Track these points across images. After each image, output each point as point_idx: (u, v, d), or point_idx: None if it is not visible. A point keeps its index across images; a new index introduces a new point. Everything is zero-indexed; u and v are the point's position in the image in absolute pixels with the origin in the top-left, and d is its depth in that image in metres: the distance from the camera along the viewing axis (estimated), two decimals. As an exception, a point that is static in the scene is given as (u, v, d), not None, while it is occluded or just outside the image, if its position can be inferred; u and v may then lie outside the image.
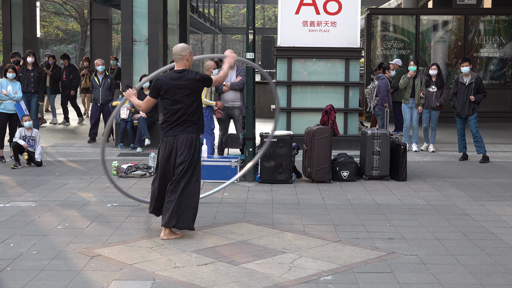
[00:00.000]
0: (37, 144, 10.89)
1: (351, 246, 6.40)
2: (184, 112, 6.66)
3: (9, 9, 18.61)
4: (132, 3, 13.08)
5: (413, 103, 12.80)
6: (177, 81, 6.65)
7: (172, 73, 6.74)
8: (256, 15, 56.90)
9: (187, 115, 6.67)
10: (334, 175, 9.82)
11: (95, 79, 13.67)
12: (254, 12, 9.86)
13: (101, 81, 13.61)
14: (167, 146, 6.68)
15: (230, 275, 5.49)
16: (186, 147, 6.62)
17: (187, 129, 6.67)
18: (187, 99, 6.66)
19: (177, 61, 6.76)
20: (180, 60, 6.73)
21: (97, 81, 13.63)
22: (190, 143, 6.64)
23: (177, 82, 6.65)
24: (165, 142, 6.70)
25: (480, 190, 9.25)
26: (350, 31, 12.64)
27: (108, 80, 13.68)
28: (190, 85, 6.67)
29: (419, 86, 12.70)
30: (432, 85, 12.59)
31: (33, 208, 7.93)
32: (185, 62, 6.74)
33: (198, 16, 29.32)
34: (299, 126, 12.37)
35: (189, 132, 6.66)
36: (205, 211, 7.76)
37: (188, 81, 6.66)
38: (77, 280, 5.36)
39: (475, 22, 18.26)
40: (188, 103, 6.67)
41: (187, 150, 6.62)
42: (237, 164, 9.60)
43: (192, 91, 6.69)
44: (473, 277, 5.51)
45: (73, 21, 47.44)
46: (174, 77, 6.68)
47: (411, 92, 12.80)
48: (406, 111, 12.91)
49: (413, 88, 12.80)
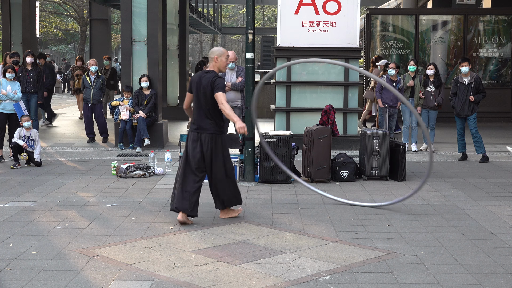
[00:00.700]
0: (36, 144, 10.89)
1: (350, 246, 6.40)
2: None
3: (8, 9, 18.58)
4: (131, 3, 13.08)
5: (412, 103, 12.77)
6: (200, 80, 7.19)
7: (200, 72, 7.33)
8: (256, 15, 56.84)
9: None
10: (334, 175, 9.83)
11: (87, 79, 13.63)
12: (254, 12, 9.86)
13: (93, 81, 13.58)
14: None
15: (229, 275, 5.50)
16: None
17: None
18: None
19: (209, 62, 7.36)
20: (210, 61, 7.30)
21: (89, 81, 13.59)
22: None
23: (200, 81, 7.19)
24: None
25: (480, 190, 9.25)
26: (349, 31, 12.64)
27: (100, 80, 13.66)
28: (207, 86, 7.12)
29: (418, 86, 12.69)
30: (430, 85, 12.59)
31: (32, 208, 7.92)
32: (213, 63, 7.27)
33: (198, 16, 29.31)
34: (299, 126, 12.37)
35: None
36: (205, 211, 7.76)
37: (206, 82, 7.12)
38: (77, 280, 5.36)
39: (474, 22, 18.27)
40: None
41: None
42: (236, 164, 9.60)
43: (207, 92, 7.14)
44: (473, 277, 5.51)
45: (73, 21, 47.46)
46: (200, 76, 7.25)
47: (410, 93, 12.79)
48: (405, 111, 12.89)
49: (412, 88, 12.79)
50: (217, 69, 7.22)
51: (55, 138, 14.45)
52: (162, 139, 13.03)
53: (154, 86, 12.98)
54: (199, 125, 7.15)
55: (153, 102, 12.76)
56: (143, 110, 12.60)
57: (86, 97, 13.62)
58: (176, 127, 16.32)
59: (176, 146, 12.43)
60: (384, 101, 12.74)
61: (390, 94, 12.68)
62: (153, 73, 13.05)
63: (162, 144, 12.98)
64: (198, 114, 7.14)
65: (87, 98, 13.59)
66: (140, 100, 12.74)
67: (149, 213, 7.72)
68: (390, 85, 11.80)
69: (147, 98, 12.73)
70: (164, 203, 8.21)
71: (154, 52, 13.12)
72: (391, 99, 12.72)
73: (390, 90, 7.85)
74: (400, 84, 12.76)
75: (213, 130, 7.15)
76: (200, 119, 7.14)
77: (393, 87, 12.77)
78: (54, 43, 55.98)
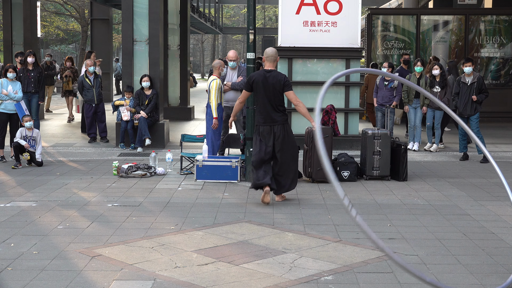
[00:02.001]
0: (37, 144, 10.90)
1: (351, 246, 6.40)
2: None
3: (9, 9, 18.60)
4: (132, 3, 13.09)
5: (417, 103, 12.81)
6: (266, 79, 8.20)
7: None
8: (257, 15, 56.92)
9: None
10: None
11: (86, 81, 13.56)
12: (255, 12, 9.86)
13: (93, 81, 13.56)
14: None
15: (230, 275, 5.49)
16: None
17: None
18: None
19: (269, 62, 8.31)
20: (269, 61, 8.28)
21: (89, 82, 13.56)
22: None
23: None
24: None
25: (481, 190, 9.25)
26: (350, 31, 12.64)
27: (99, 79, 13.67)
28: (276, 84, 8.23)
29: (424, 86, 12.69)
30: (436, 85, 12.60)
31: (33, 208, 7.93)
32: (274, 63, 8.31)
33: (199, 16, 29.29)
34: (300, 126, 12.36)
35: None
36: (206, 211, 7.77)
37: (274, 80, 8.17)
38: (78, 280, 5.36)
39: (475, 22, 18.26)
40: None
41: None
42: (237, 164, 9.60)
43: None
44: (474, 277, 5.51)
45: (74, 21, 47.47)
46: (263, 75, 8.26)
47: (415, 93, 12.80)
48: (410, 112, 12.92)
49: None
50: (276, 67, 8.39)
51: (56, 138, 14.44)
52: (163, 139, 13.04)
53: (155, 86, 12.98)
54: (271, 118, 8.16)
55: (154, 102, 12.76)
56: (144, 110, 12.60)
57: (89, 98, 13.58)
58: (177, 127, 16.33)
59: (177, 146, 12.43)
60: (378, 101, 12.90)
61: (384, 94, 12.78)
62: (154, 73, 13.06)
63: (163, 144, 12.99)
64: (266, 109, 8.15)
65: (90, 99, 13.56)
66: (141, 100, 12.74)
67: (150, 213, 7.72)
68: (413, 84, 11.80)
69: (148, 98, 12.73)
70: (165, 203, 8.21)
71: (155, 52, 13.12)
72: (382, 98, 12.82)
73: (415, 88, 7.81)
74: (393, 83, 12.79)
75: (283, 120, 8.22)
76: (270, 113, 8.15)
77: (385, 86, 12.86)
78: (55, 43, 56.00)
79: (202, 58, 65.55)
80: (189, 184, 9.51)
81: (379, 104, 12.94)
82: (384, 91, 12.91)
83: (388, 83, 12.84)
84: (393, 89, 12.82)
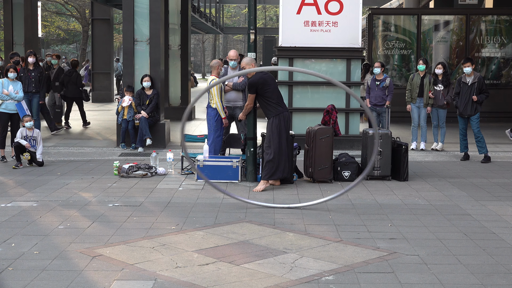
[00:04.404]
0: (38, 144, 10.90)
1: (352, 246, 6.39)
2: None
3: (10, 9, 18.61)
4: (133, 3, 13.08)
5: (420, 102, 12.80)
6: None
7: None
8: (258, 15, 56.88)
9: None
10: (336, 175, 9.82)
11: None
12: (256, 12, 9.86)
13: None
14: None
15: (231, 275, 5.49)
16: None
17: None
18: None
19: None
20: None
21: None
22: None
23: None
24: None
25: (482, 190, 9.24)
26: (351, 31, 12.64)
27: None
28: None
29: (428, 85, 12.69)
30: (438, 83, 12.60)
31: (34, 208, 7.93)
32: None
33: (200, 16, 29.29)
34: (301, 126, 12.37)
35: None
36: (207, 211, 7.77)
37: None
38: (79, 280, 5.36)
39: (476, 22, 18.25)
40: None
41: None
42: (238, 164, 9.60)
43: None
44: (475, 277, 5.51)
45: (75, 21, 47.50)
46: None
47: (419, 92, 12.79)
48: (413, 110, 12.92)
49: (421, 87, 12.79)
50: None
51: (56, 138, 14.45)
52: (164, 139, 13.04)
53: (156, 86, 12.98)
54: (285, 108, 9.24)
55: (155, 102, 12.76)
56: (145, 110, 12.60)
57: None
58: (178, 127, 16.32)
59: (178, 146, 12.43)
60: (371, 101, 12.88)
61: (377, 94, 12.77)
62: (155, 73, 13.06)
63: (164, 144, 12.99)
64: (282, 101, 9.28)
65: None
66: (142, 100, 12.74)
67: (151, 213, 7.72)
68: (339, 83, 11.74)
69: (149, 98, 12.73)
70: (166, 203, 8.21)
71: (156, 52, 13.12)
72: (375, 98, 12.80)
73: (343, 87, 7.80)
74: (385, 82, 12.76)
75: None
76: (284, 105, 9.28)
77: (377, 86, 12.80)
78: (56, 43, 56.02)
79: (203, 58, 65.52)
80: (190, 184, 9.51)
81: (372, 104, 12.87)
82: (376, 91, 12.83)
83: (380, 83, 12.81)
84: (385, 88, 12.80)
